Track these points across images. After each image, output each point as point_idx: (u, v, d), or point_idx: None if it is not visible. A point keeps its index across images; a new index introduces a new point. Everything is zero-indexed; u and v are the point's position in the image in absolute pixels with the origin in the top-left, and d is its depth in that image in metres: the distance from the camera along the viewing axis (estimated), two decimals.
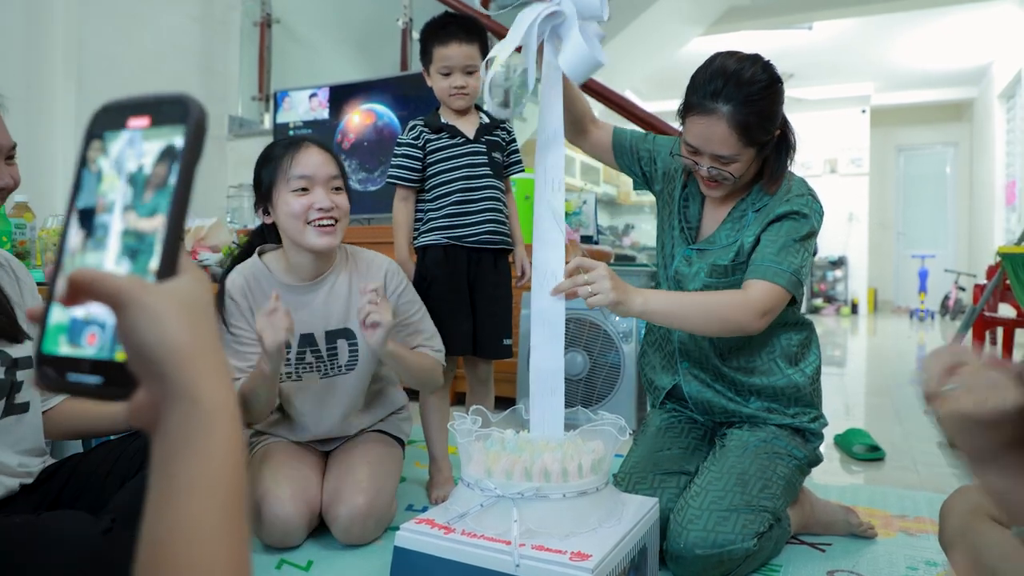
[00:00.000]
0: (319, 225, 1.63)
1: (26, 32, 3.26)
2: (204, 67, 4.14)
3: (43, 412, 1.39)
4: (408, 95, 3.50)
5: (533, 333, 1.44)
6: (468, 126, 2.03)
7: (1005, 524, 1.00)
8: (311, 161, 1.65)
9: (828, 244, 10.12)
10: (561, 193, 1.44)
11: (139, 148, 0.46)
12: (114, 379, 0.44)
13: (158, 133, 0.46)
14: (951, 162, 10.87)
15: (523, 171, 2.18)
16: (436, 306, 1.93)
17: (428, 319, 1.86)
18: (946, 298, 9.34)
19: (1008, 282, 3.29)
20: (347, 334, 1.75)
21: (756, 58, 1.48)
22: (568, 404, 1.42)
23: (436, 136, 2.01)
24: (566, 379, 1.47)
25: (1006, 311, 4.80)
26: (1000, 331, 4.44)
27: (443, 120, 2.03)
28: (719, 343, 1.62)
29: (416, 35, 2.25)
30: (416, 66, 3.42)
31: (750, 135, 1.45)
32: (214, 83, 4.20)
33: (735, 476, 1.51)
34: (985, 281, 5.06)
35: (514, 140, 2.13)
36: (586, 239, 3.51)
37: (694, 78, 1.50)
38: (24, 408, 1.28)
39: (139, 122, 0.47)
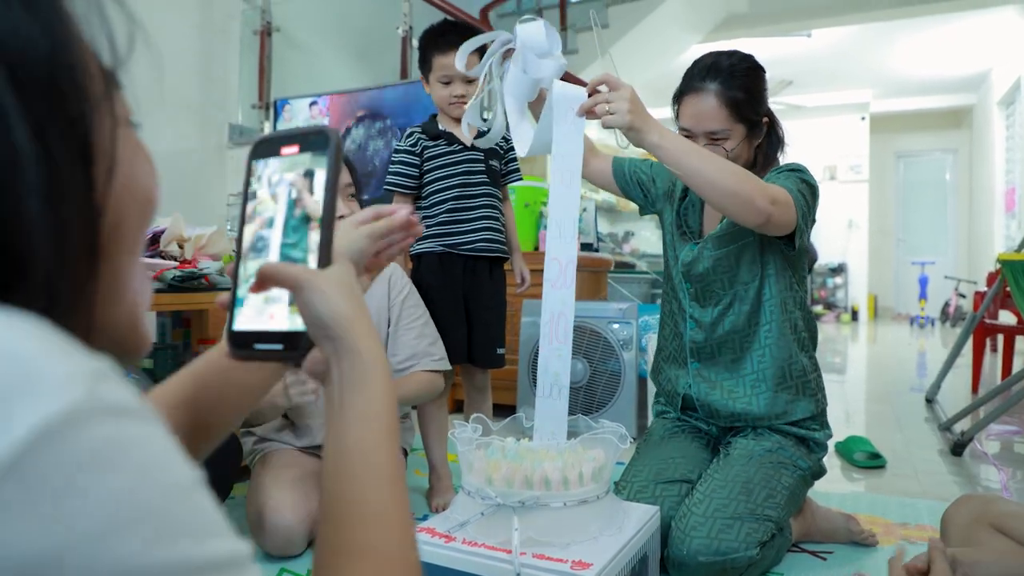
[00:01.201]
0: None
1: None
2: (204, 75, 4.14)
3: None
4: (408, 103, 3.50)
5: (541, 333, 1.43)
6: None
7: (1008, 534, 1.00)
8: None
9: (828, 251, 10.12)
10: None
11: (292, 170, 0.59)
12: (292, 345, 0.57)
13: (304, 159, 0.59)
14: (951, 169, 10.89)
15: (521, 179, 2.18)
16: (431, 315, 1.93)
17: (430, 323, 1.87)
18: (946, 305, 9.35)
19: (1008, 289, 3.29)
20: None
21: (735, 51, 1.62)
22: (568, 412, 1.42)
23: (433, 143, 2.02)
24: None
25: (1007, 318, 4.80)
26: (1000, 338, 4.44)
27: (441, 127, 2.04)
28: (746, 331, 1.62)
29: (416, 43, 2.25)
30: (416, 74, 3.43)
31: (739, 109, 1.55)
32: (214, 91, 4.20)
33: (740, 484, 1.50)
34: (985, 288, 5.06)
35: (512, 148, 2.13)
36: (586, 246, 3.51)
37: (683, 75, 1.64)
38: None
39: (290, 150, 0.60)
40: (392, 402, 0.57)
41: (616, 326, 2.76)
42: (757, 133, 1.60)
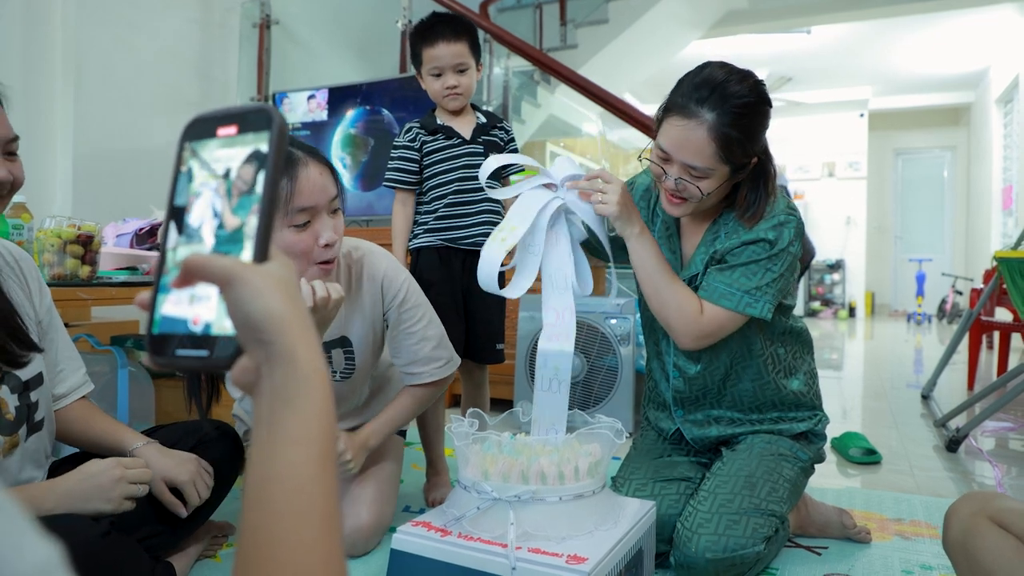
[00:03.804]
0: (321, 262, 1.41)
1: (24, 38, 3.25)
2: (202, 68, 4.14)
3: (55, 411, 1.39)
4: (407, 97, 3.50)
5: (544, 325, 1.46)
6: (464, 126, 2.03)
7: (1007, 529, 1.00)
8: (314, 186, 1.38)
9: (826, 248, 10.14)
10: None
11: (228, 153, 0.52)
12: (218, 351, 0.50)
13: (244, 140, 0.52)
14: (949, 166, 10.89)
15: (522, 171, 2.17)
16: None
17: (434, 324, 1.71)
18: (943, 302, 9.37)
19: (1005, 286, 3.30)
20: (343, 343, 1.67)
21: (749, 74, 1.43)
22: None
23: (432, 137, 2.01)
24: None
25: (1003, 315, 4.81)
26: (996, 335, 4.45)
27: (439, 121, 2.03)
28: (727, 375, 1.61)
29: None
30: None
31: (729, 151, 1.39)
32: (212, 84, 4.20)
33: (743, 479, 1.50)
34: (982, 285, 5.07)
35: (513, 140, 2.12)
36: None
37: (681, 81, 1.44)
38: (40, 425, 1.29)
39: (227, 131, 0.53)
40: (330, 421, 0.50)
41: (613, 321, 2.77)
42: (740, 174, 1.47)
